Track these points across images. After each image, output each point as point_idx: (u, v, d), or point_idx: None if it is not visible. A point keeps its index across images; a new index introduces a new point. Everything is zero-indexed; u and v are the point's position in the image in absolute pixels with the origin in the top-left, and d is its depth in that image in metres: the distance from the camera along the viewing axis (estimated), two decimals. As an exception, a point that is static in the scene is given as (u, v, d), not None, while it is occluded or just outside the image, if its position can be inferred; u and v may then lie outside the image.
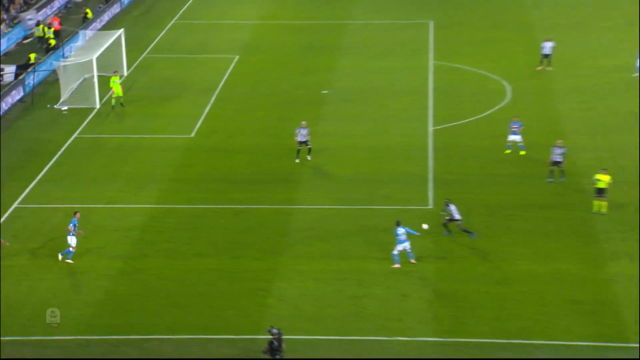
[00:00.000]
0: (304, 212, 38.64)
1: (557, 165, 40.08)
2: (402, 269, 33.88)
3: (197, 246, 36.04)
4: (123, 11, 71.03)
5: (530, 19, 66.27)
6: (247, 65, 58.28)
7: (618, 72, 54.11)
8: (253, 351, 29.44)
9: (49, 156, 44.79)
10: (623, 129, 45.95)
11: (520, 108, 48.99)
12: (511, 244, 35.49)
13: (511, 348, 29.37)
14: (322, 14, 70.09)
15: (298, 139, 42.99)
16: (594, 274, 33.25)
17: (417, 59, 58.39)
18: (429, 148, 44.59)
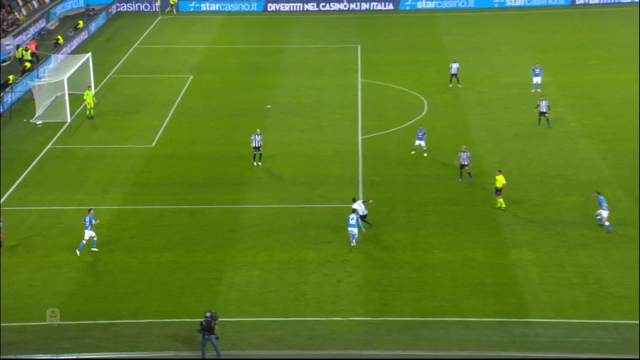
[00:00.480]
0: (251, 211, 38.30)
1: (464, 168, 40.36)
2: (336, 258, 33.77)
3: (157, 242, 35.49)
4: (90, 37, 69.97)
5: (442, 43, 66.81)
6: (199, 83, 57.71)
7: (516, 88, 54.77)
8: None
9: (26, 164, 43.76)
10: (522, 136, 46.48)
11: (435, 119, 49.30)
12: (428, 235, 35.61)
13: (429, 325, 29.43)
14: (263, 39, 69.80)
15: (253, 144, 42.73)
16: (498, 260, 33.49)
17: (347, 77, 58.43)
18: (359, 154, 44.58)
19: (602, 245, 34.27)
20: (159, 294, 31.53)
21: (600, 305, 30.16)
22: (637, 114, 49.03)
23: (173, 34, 71.71)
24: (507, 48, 64.84)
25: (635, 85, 54.39)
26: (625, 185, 39.68)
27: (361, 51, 65.01)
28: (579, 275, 32.11)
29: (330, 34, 70.83)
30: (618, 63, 59.45)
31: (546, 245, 34.34)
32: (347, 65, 61.35)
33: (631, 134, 46.11)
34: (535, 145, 44.97)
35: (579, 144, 45.01)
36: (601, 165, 42.06)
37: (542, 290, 31.16)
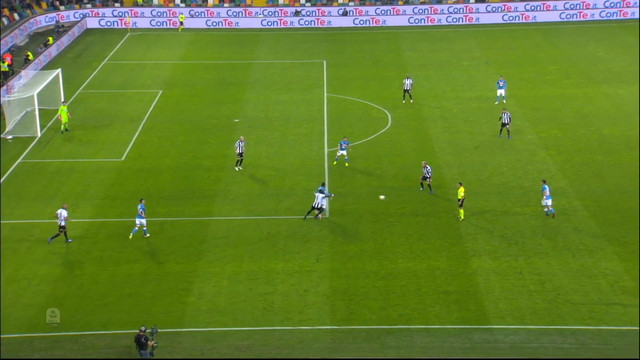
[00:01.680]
0: (220, 223, 38.22)
1: (425, 180, 40.65)
2: (303, 268, 33.81)
3: (127, 254, 35.25)
4: (60, 54, 69.46)
5: (404, 59, 67.37)
6: (168, 98, 57.52)
7: (476, 102, 55.39)
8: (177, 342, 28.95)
9: (-4, 178, 43.29)
10: (482, 149, 46.98)
11: (398, 132, 49.65)
12: (393, 245, 35.80)
13: (394, 333, 29.57)
14: (231, 54, 69.85)
15: (237, 151, 43.22)
16: (460, 269, 33.77)
17: (313, 92, 58.64)
18: (325, 166, 44.73)
19: (560, 253, 34.73)
20: (129, 305, 31.31)
21: (558, 311, 30.54)
22: (591, 127, 49.84)
23: (142, 50, 71.49)
24: (468, 63, 65.60)
25: (588, 99, 55.31)
26: (580, 195, 40.28)
27: (327, 66, 65.31)
28: (537, 282, 32.50)
29: (297, 50, 71.10)
30: (571, 78, 60.44)
31: (506, 254, 34.71)
32: (313, 80, 61.58)
33: (585, 145, 46.86)
34: (495, 157, 45.49)
35: (537, 155, 45.62)
36: (558, 176, 42.66)
37: (502, 297, 31.48)
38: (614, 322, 29.78)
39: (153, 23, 79.77)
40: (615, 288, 31.94)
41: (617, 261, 33.92)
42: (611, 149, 46.15)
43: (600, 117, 51.50)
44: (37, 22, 77.53)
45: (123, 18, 79.31)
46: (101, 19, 79.60)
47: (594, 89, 57.49)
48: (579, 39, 72.38)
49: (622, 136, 48.12)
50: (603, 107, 53.65)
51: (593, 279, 32.62)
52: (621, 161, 44.42)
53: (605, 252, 34.68)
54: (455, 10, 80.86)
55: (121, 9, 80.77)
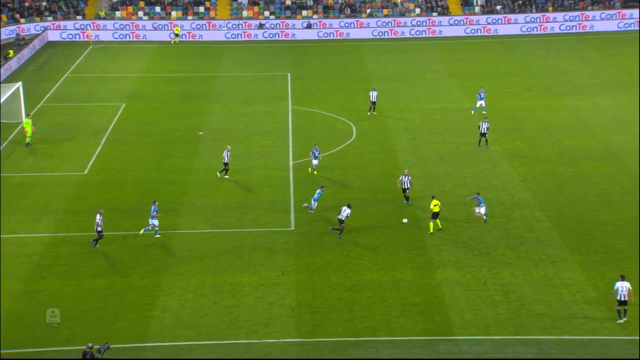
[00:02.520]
0: (184, 236, 37.99)
1: (405, 191, 40.81)
2: (269, 281, 33.72)
3: (90, 268, 34.86)
4: (21, 67, 68.72)
5: (368, 71, 67.77)
6: (132, 111, 57.15)
7: (439, 114, 55.85)
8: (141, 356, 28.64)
9: (-45, 193, 42.54)
10: (446, 160, 47.34)
11: (363, 144, 49.85)
12: (358, 257, 35.86)
13: (360, 344, 29.59)
14: (195, 67, 69.68)
15: (225, 160, 43.86)
16: (425, 280, 33.92)
17: (277, 104, 58.68)
18: (290, 179, 44.72)
19: (523, 264, 35.08)
20: (92, 320, 30.94)
21: (522, 322, 30.81)
22: (553, 138, 50.52)
23: (105, 63, 70.98)
24: (431, 75, 66.18)
25: (549, 111, 56.09)
26: (543, 206, 40.76)
27: (291, 79, 65.43)
28: (501, 293, 32.77)
29: (261, 62, 71.15)
30: (532, 90, 61.28)
31: (470, 265, 34.96)
32: (277, 93, 61.63)
33: (547, 157, 47.46)
34: (459, 168, 45.86)
35: (500, 167, 46.09)
36: (521, 187, 43.13)
37: (466, 308, 31.69)
38: (577, 331, 30.12)
39: (116, 36, 79.28)
40: (577, 298, 32.33)
41: (579, 271, 34.35)
42: (572, 160, 46.81)
43: (561, 129, 52.25)
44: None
45: (85, 31, 78.73)
46: (63, 32, 78.93)
47: (554, 101, 58.33)
48: (540, 52, 73.45)
49: (582, 147, 48.85)
50: (564, 119, 54.44)
51: (556, 289, 32.99)
52: (582, 172, 45.08)
53: (567, 262, 35.11)
54: (418, 23, 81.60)
55: (83, 22, 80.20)
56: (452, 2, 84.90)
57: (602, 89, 60.74)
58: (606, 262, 35.06)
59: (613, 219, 39.09)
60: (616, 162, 46.29)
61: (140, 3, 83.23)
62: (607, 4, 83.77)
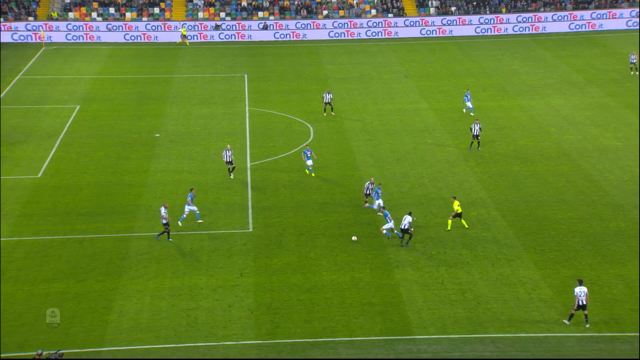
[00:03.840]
0: (141, 239, 37.63)
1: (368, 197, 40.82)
2: (227, 283, 33.58)
3: (44, 272, 34.34)
4: (-28, 67, 67.50)
5: (325, 73, 67.90)
6: (87, 113, 56.47)
7: (396, 115, 56.20)
8: (98, 362, 28.36)
9: None
10: (403, 161, 47.62)
11: (321, 145, 49.92)
12: (317, 258, 35.91)
13: (319, 345, 29.63)
14: (151, 69, 69.14)
15: (225, 159, 43.75)
16: (384, 280, 34.08)
17: (234, 106, 58.48)
18: (248, 181, 44.59)
19: (480, 263, 35.46)
20: (46, 325, 30.44)
21: (479, 320, 31.14)
22: (508, 138, 51.15)
23: (58, 65, 70.04)
24: (388, 76, 66.56)
25: (504, 111, 56.81)
26: (499, 205, 41.25)
27: (248, 80, 65.28)
28: (458, 292, 33.08)
29: (218, 64, 70.86)
30: (487, 91, 62.00)
31: (428, 265, 35.23)
32: (234, 94, 61.43)
33: (502, 156, 48.04)
34: (416, 168, 46.20)
35: (457, 167, 46.54)
36: (477, 187, 43.61)
37: (424, 307, 31.93)
38: (532, 329, 30.53)
39: (69, 37, 78.25)
40: (533, 296, 32.78)
41: (534, 269, 34.83)
42: (527, 160, 47.46)
43: (515, 129, 52.95)
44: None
45: (38, 32, 77.55)
46: (14, 33, 77.66)
47: (509, 102, 59.10)
48: (494, 52, 74.34)
49: (537, 147, 49.57)
50: (518, 119, 55.17)
51: (512, 288, 33.41)
52: (537, 171, 45.74)
53: (522, 261, 35.58)
54: (374, 24, 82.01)
55: (35, 23, 79.00)
56: (408, 3, 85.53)
57: (555, 89, 61.72)
58: (561, 260, 35.62)
59: (567, 218, 39.74)
60: (569, 162, 47.07)
61: (94, 4, 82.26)
62: (558, 6, 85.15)
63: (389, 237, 37.13)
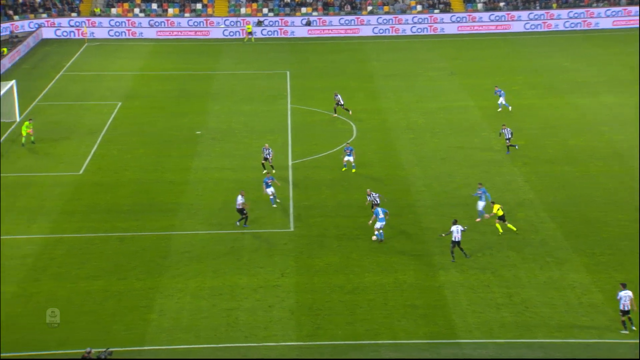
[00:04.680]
0: (182, 237, 37.93)
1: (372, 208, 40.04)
2: (268, 283, 33.67)
3: (86, 270, 34.80)
4: (15, 65, 68.68)
5: (369, 70, 67.72)
6: (128, 110, 57.11)
7: (441, 113, 55.82)
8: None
9: (-52, 193, 42.48)
10: (448, 160, 47.30)
11: (364, 143, 49.80)
12: (360, 258, 35.81)
13: (361, 348, 29.55)
14: (193, 65, 69.70)
15: (264, 155, 44.42)
16: (428, 282, 33.86)
17: (276, 103, 58.64)
18: (289, 179, 44.68)
19: (527, 265, 35.02)
20: (87, 323, 30.88)
21: (526, 325, 30.77)
22: (557, 137, 50.48)
23: (101, 61, 70.98)
24: (433, 74, 66.17)
25: (553, 109, 56.10)
26: (547, 206, 40.71)
27: (290, 77, 65.41)
28: (505, 295, 32.72)
29: (260, 60, 71.13)
30: (536, 89, 61.28)
31: (474, 267, 34.90)
32: (276, 91, 61.61)
33: (551, 156, 47.42)
34: (461, 168, 45.82)
35: (504, 167, 46.05)
36: (525, 187, 43.09)
37: (470, 311, 31.64)
38: (582, 335, 30.07)
39: (111, 33, 79.24)
40: (582, 300, 32.28)
41: (584, 273, 34.30)
42: (577, 160, 46.77)
43: (565, 128, 52.22)
44: (-9, 32, 76.62)
45: (80, 28, 78.69)
46: (57, 29, 78.89)
47: (558, 100, 58.32)
48: (544, 49, 73.42)
49: (587, 147, 48.82)
50: (568, 117, 54.41)
51: (561, 292, 32.94)
52: (587, 172, 45.04)
53: (572, 264, 35.07)
54: (420, 20, 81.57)
55: (78, 19, 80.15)
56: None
57: (607, 87, 60.73)
58: (612, 264, 35.02)
59: (618, 220, 39.06)
60: (621, 162, 46.26)
61: (136, 0, 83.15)
62: (612, 1, 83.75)
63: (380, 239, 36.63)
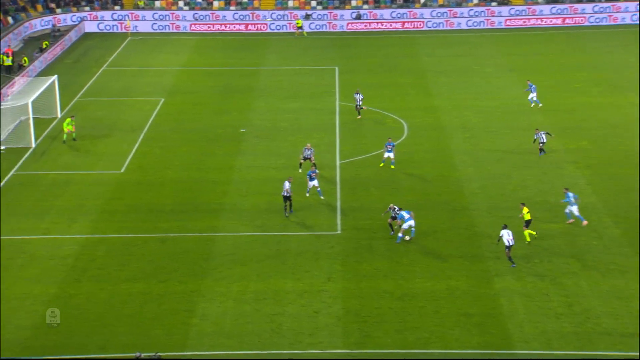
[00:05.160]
0: (226, 239, 38.22)
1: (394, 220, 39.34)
2: (314, 288, 33.74)
3: (126, 272, 35.28)
4: (56, 59, 69.87)
5: (422, 65, 67.43)
6: (171, 106, 57.73)
7: (498, 111, 55.34)
8: (179, 367, 28.95)
9: (-12, 191, 43.44)
10: (505, 161, 46.85)
11: (415, 142, 49.62)
12: (410, 264, 35.68)
13: (412, 357, 29.42)
14: (237, 60, 70.10)
15: (304, 154, 44.93)
16: (482, 290, 33.59)
17: (324, 100, 58.72)
18: (337, 179, 44.71)
19: (589, 273, 34.53)
20: (128, 326, 31.31)
21: (587, 336, 30.33)
22: (620, 138, 49.65)
23: (143, 56, 71.85)
24: (490, 70, 65.63)
25: (617, 108, 55.17)
26: (610, 211, 40.08)
27: (339, 73, 65.45)
28: (565, 305, 32.30)
29: (307, 55, 71.30)
30: (600, 86, 60.37)
31: (531, 274, 34.53)
32: (324, 88, 61.69)
33: (615, 158, 46.67)
34: (519, 170, 45.37)
35: (564, 169, 45.48)
36: (587, 190, 42.48)
37: (527, 320, 31.32)
38: (648, 347, 29.57)
39: (155, 27, 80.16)
40: (648, 311, 31.76)
41: (650, 282, 33.74)
42: (643, 162, 45.98)
43: (629, 128, 51.35)
44: (32, 26, 78.02)
45: (123, 22, 79.78)
46: (100, 23, 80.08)
47: (623, 98, 57.35)
48: (609, 44, 72.28)
49: (655, 148, 47.97)
50: (632, 117, 53.47)
51: (625, 301, 32.41)
52: (654, 175, 44.25)
53: (637, 272, 34.45)
54: (476, 13, 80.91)
55: (121, 12, 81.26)
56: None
57: (677, 85, 59.57)
58: (681, 272, 34.35)
59: (688, 226, 38.27)
60: (692, 165, 45.30)
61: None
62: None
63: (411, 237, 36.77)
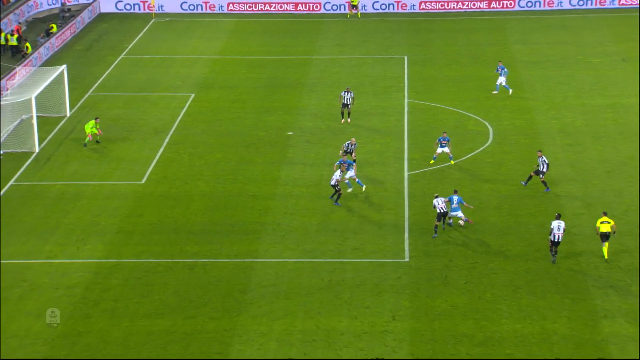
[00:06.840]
0: (266, 266, 38.47)
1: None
2: (375, 328, 33.77)
3: (146, 305, 35.69)
4: (66, 45, 70.96)
5: (512, 55, 67.10)
6: (203, 104, 58.31)
7: (609, 112, 54.83)
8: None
9: (-18, 205, 44.37)
10: (616, 174, 46.36)
11: (503, 150, 49.39)
12: (495, 300, 35.51)
13: (496, 417, 29.34)
14: (284, 48, 70.50)
15: (346, 149, 47.03)
16: (587, 335, 33.28)
17: (390, 97, 58.79)
18: (405, 194, 44.71)
19: None
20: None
21: None
22: None
23: (170, 41, 72.64)
24: (598, 60, 65.03)
25: None
26: None
27: (409, 64, 65.47)
28: (691, 354, 31.92)
29: (370, 42, 71.43)
30: None
31: (648, 316, 34.22)
32: (390, 82, 61.78)
33: None
34: (634, 185, 44.92)
35: (691, 184, 44.93)
36: None
37: (642, 373, 31.03)
38: None
39: (184, 7, 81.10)
40: None
41: None
42: None
43: None
44: (37, 5, 79.47)
45: (146, 1, 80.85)
46: (118, 2, 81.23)
47: None
48: None
49: None
50: None
51: None
52: None
53: None
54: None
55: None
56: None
57: None
58: None
59: None
60: None
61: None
62: None
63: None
